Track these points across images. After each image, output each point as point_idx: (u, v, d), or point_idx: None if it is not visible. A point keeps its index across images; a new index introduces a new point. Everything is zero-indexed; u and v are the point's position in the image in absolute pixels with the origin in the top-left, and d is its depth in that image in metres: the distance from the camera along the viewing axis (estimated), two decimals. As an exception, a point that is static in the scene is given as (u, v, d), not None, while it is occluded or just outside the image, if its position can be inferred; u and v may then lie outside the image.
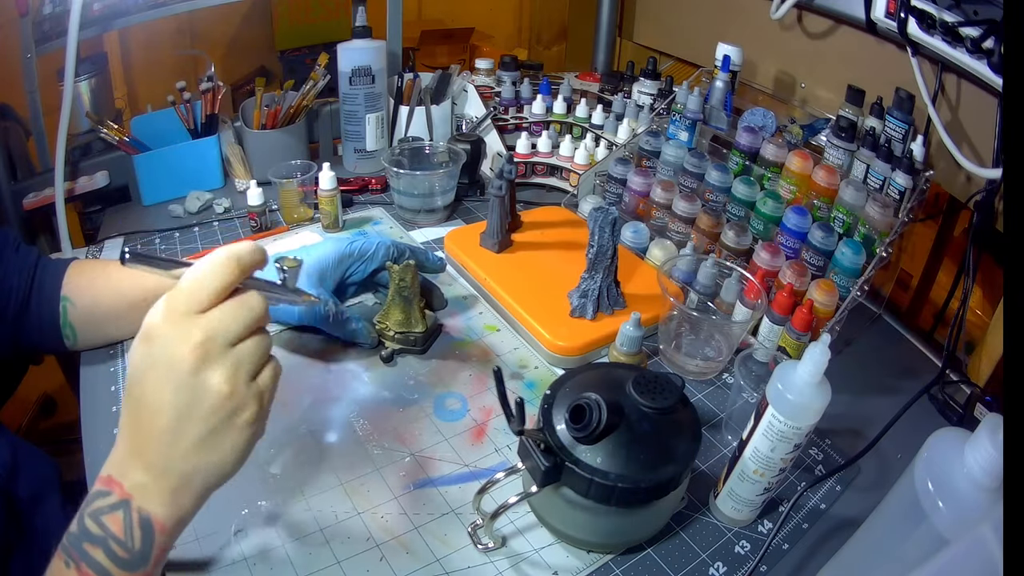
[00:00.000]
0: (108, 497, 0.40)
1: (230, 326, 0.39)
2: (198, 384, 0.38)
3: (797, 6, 0.98)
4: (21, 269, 0.65)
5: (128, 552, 0.39)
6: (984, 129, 0.77)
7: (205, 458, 0.40)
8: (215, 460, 0.40)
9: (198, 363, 0.38)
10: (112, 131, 0.96)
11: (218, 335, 0.39)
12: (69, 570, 0.39)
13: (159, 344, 0.39)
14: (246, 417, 0.40)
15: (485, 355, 0.75)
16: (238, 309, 0.40)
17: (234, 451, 0.41)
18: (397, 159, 0.99)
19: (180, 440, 0.39)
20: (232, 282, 0.39)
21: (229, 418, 0.40)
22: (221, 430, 0.40)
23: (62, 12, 0.90)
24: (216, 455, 0.40)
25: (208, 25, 1.23)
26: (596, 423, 0.48)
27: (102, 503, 0.40)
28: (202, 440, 0.39)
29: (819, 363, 0.48)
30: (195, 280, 0.39)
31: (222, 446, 0.40)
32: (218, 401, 0.39)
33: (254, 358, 0.41)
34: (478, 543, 0.54)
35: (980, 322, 0.82)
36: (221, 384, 0.39)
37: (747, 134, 0.87)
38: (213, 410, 0.39)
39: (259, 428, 0.42)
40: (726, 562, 0.54)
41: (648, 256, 0.89)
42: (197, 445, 0.39)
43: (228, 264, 0.39)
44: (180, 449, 0.39)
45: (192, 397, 0.38)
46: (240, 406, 0.40)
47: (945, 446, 0.42)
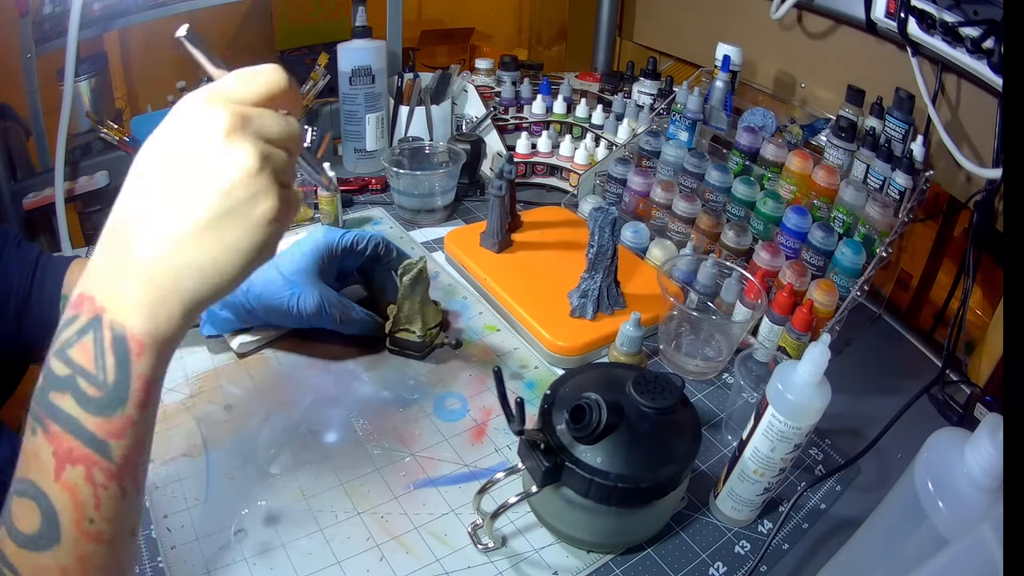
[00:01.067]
0: (76, 322, 0.33)
1: (270, 123, 0.35)
2: (226, 150, 0.33)
3: (797, 6, 0.98)
4: (22, 266, 0.64)
5: (100, 388, 0.32)
6: (984, 129, 0.77)
7: (207, 248, 0.33)
8: (219, 252, 0.33)
9: (231, 131, 0.33)
10: (112, 131, 0.96)
11: (258, 121, 0.34)
12: (35, 437, 0.32)
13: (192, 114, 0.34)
14: (266, 207, 0.34)
15: (485, 355, 0.75)
16: (280, 116, 0.36)
17: (240, 248, 0.34)
18: (397, 159, 0.99)
19: (186, 217, 0.33)
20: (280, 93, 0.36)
21: (248, 201, 0.33)
22: (237, 212, 0.33)
23: (62, 12, 0.90)
24: (219, 245, 0.33)
25: (208, 25, 1.23)
26: (596, 423, 0.48)
27: (68, 332, 0.33)
28: (215, 218, 0.33)
29: (819, 363, 0.48)
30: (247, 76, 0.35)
31: (229, 235, 0.33)
32: (242, 175, 0.33)
33: (285, 164, 0.36)
34: (478, 543, 0.54)
35: (980, 322, 0.82)
36: (250, 158, 0.33)
37: (747, 134, 0.87)
38: (234, 184, 0.33)
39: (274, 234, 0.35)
40: (726, 562, 0.54)
41: (648, 256, 0.89)
42: (204, 225, 0.33)
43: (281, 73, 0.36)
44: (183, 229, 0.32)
45: (216, 163, 0.33)
46: (262, 192, 0.34)
47: (945, 446, 0.42)
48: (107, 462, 0.32)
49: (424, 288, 0.70)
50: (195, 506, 0.55)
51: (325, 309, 0.67)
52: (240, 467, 0.59)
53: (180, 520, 0.53)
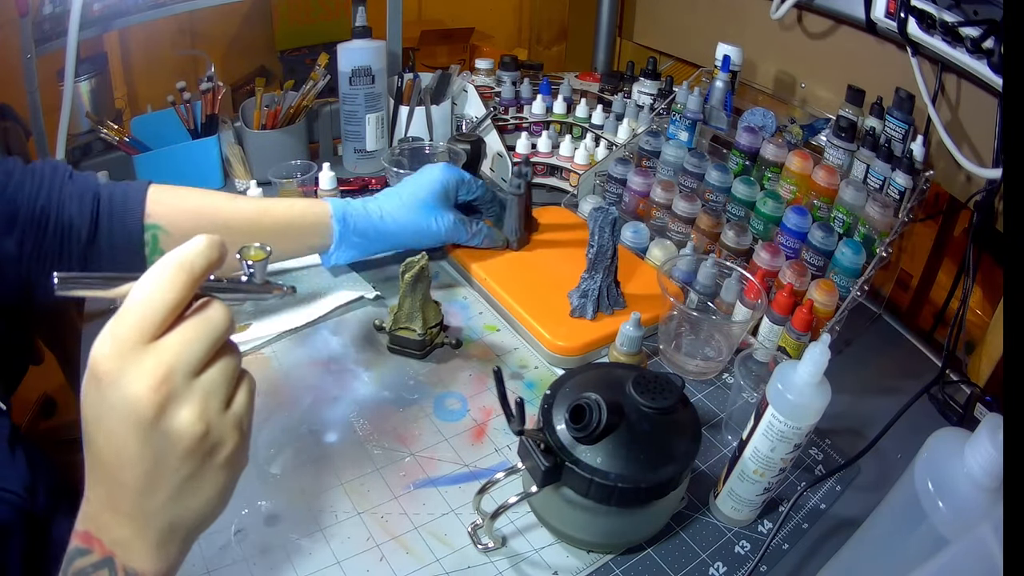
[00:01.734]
0: (89, 555, 0.35)
1: (191, 353, 0.33)
2: (165, 431, 0.33)
3: (797, 6, 0.98)
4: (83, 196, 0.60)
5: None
6: (984, 129, 0.77)
7: (186, 506, 0.35)
8: (197, 507, 0.36)
9: (161, 406, 0.32)
10: (112, 131, 0.96)
11: (179, 367, 0.33)
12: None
13: (112, 387, 0.32)
14: (226, 454, 0.35)
15: (485, 355, 0.75)
16: (199, 329, 0.33)
17: (217, 492, 0.36)
18: (397, 159, 0.99)
19: (155, 493, 0.34)
20: (184, 297, 0.33)
21: (206, 459, 0.35)
22: (200, 474, 0.35)
23: (62, 12, 0.90)
24: (197, 500, 0.36)
25: (208, 25, 1.23)
26: (596, 423, 0.48)
27: (83, 562, 0.35)
28: (180, 489, 0.34)
29: (819, 363, 0.48)
30: (140, 303, 0.32)
31: (203, 490, 0.35)
32: (192, 444, 0.33)
33: (225, 383, 0.35)
34: (478, 543, 0.54)
35: (980, 322, 0.82)
36: (192, 425, 0.33)
37: (747, 134, 0.87)
38: (187, 455, 0.34)
39: (242, 459, 0.37)
40: (726, 562, 0.54)
41: (648, 256, 0.89)
42: (175, 495, 0.35)
43: (177, 277, 0.32)
44: (156, 504, 0.34)
45: (161, 446, 0.33)
46: (217, 443, 0.35)
47: (945, 446, 0.42)
48: None
49: (425, 286, 0.70)
50: (195, 506, 0.55)
51: (458, 228, 0.80)
52: (240, 467, 0.59)
53: (180, 520, 0.53)
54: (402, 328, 0.71)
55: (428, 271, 0.69)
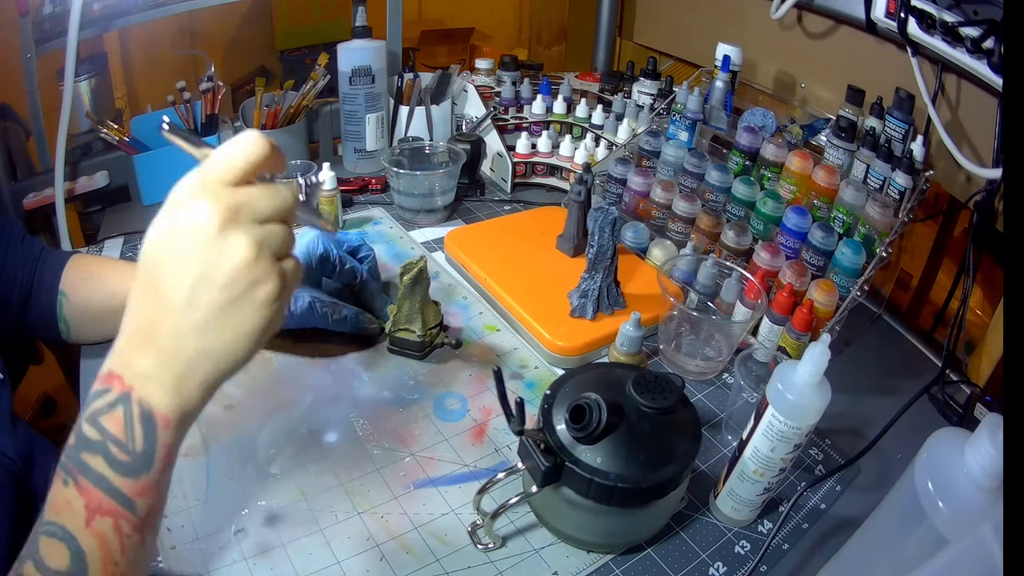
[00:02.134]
0: (107, 395, 0.37)
1: (261, 202, 0.37)
2: (221, 245, 0.35)
3: (797, 6, 0.98)
4: (26, 260, 0.65)
5: (129, 454, 0.36)
6: (984, 129, 0.77)
7: (218, 334, 0.36)
8: (228, 338, 0.37)
9: (224, 224, 0.35)
10: (112, 131, 0.96)
11: (248, 205, 0.36)
12: (67, 488, 0.36)
13: (185, 209, 0.36)
14: (267, 291, 0.37)
15: (485, 355, 0.75)
16: (271, 191, 0.37)
17: (249, 329, 0.37)
18: (397, 159, 0.99)
19: (194, 310, 0.36)
20: (265, 161, 0.37)
21: (249, 289, 0.36)
22: (239, 301, 0.36)
23: (62, 12, 0.90)
24: (230, 331, 0.37)
25: (208, 25, 1.23)
26: (596, 423, 0.48)
27: (100, 403, 0.37)
28: (218, 311, 0.36)
29: (819, 363, 0.48)
30: (231, 152, 0.36)
31: (237, 321, 0.37)
32: (240, 266, 0.36)
33: (280, 239, 0.38)
34: (478, 543, 0.54)
35: (980, 322, 0.82)
36: (246, 248, 0.36)
37: (747, 134, 0.87)
38: (234, 276, 0.36)
39: (277, 312, 0.38)
40: (726, 562, 0.54)
41: (648, 256, 0.89)
42: (211, 316, 0.36)
43: (261, 142, 0.37)
44: (193, 321, 0.36)
45: (214, 258, 0.35)
46: (262, 277, 0.37)
47: (945, 446, 0.42)
48: (133, 516, 0.37)
49: (424, 288, 0.70)
50: (195, 506, 0.55)
51: (316, 308, 0.69)
52: (240, 467, 0.59)
53: (180, 520, 0.53)
54: (402, 329, 0.71)
55: (427, 273, 0.69)
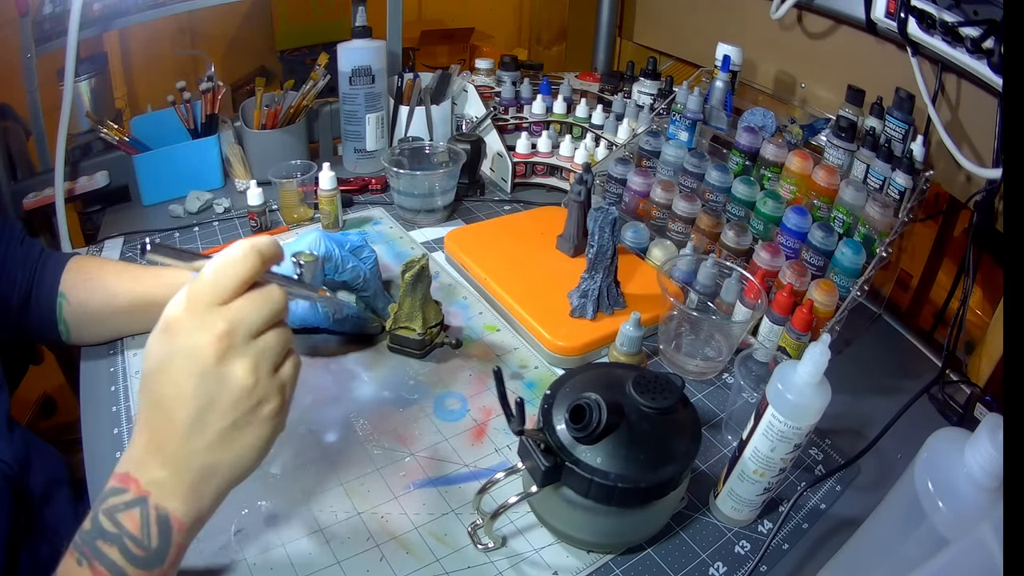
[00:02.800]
0: (124, 494, 0.39)
1: (253, 317, 0.39)
2: (222, 375, 0.38)
3: (797, 6, 0.98)
4: (25, 262, 0.65)
5: (144, 550, 0.39)
6: (984, 129, 0.77)
7: (226, 452, 0.39)
8: (236, 455, 0.39)
9: (222, 353, 0.37)
10: (112, 131, 0.96)
11: (241, 326, 0.38)
12: (82, 568, 0.38)
13: (182, 335, 0.38)
14: (269, 410, 0.40)
15: (485, 355, 0.75)
16: (260, 301, 0.39)
17: (256, 445, 0.40)
18: (397, 159, 0.99)
19: (202, 433, 0.38)
20: (255, 274, 0.39)
21: (252, 411, 0.39)
22: (244, 423, 0.39)
23: (62, 12, 0.90)
24: (237, 449, 0.39)
25: (208, 25, 1.24)
26: (596, 423, 0.48)
27: (117, 500, 0.39)
28: (224, 433, 0.39)
29: (819, 363, 0.48)
30: (218, 271, 0.38)
31: (244, 440, 0.39)
32: (242, 393, 0.38)
33: (276, 350, 0.40)
34: (478, 543, 0.54)
35: (980, 322, 0.82)
36: (245, 376, 0.38)
37: (747, 134, 0.87)
38: (236, 402, 0.38)
39: (281, 421, 0.41)
40: (726, 562, 0.54)
41: (648, 256, 0.89)
42: (219, 438, 0.39)
43: (251, 255, 0.39)
44: (201, 443, 0.38)
45: (215, 388, 0.38)
46: (263, 399, 0.39)
47: (945, 446, 0.42)
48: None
49: (425, 286, 0.70)
50: (195, 506, 0.55)
51: (318, 307, 0.69)
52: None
53: (180, 520, 0.53)
54: (402, 327, 0.71)
55: (428, 271, 0.69)
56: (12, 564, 0.52)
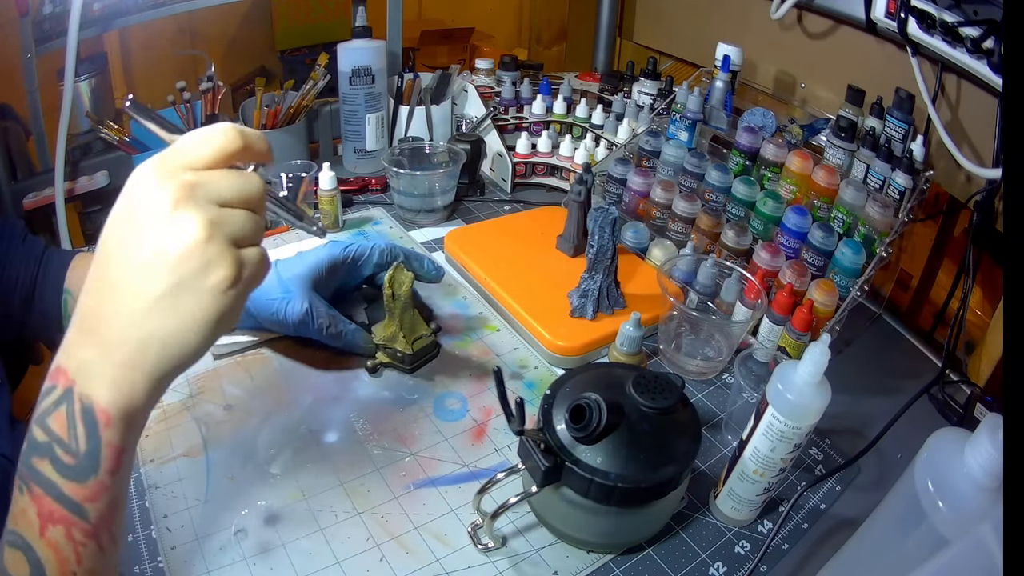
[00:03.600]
0: (53, 392, 0.35)
1: (222, 183, 0.35)
2: (172, 223, 0.33)
3: (797, 6, 0.98)
4: (28, 260, 0.64)
5: (73, 456, 0.34)
6: (984, 129, 0.77)
7: (164, 320, 0.34)
8: (175, 325, 0.34)
9: (178, 202, 0.33)
10: (112, 131, 0.96)
11: (206, 184, 0.34)
12: (23, 496, 0.34)
13: (142, 191, 0.34)
14: (218, 277, 0.34)
15: (485, 355, 0.75)
16: (236, 176, 0.35)
17: (199, 317, 0.34)
18: (397, 159, 0.99)
19: (139, 294, 0.34)
20: (235, 152, 0.35)
21: (199, 272, 0.34)
22: (187, 285, 0.34)
23: (62, 12, 0.90)
24: (177, 318, 0.34)
25: (208, 25, 1.23)
26: (596, 423, 0.48)
27: (47, 402, 0.35)
28: (164, 294, 0.33)
29: (819, 363, 0.48)
30: (194, 139, 0.35)
31: (186, 307, 0.34)
32: (190, 246, 0.33)
33: (241, 225, 0.35)
34: (478, 543, 0.54)
35: (980, 322, 0.82)
36: (197, 227, 0.33)
37: (747, 134, 0.87)
38: (182, 257, 0.33)
39: (232, 303, 0.36)
40: (726, 562, 0.54)
41: (648, 256, 0.89)
42: (157, 299, 0.33)
43: (231, 132, 0.35)
44: (138, 305, 0.34)
45: (162, 238, 0.33)
46: (213, 261, 0.34)
47: (945, 446, 0.42)
48: (84, 523, 0.35)
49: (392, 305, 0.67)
50: (195, 506, 0.55)
51: (312, 319, 0.66)
52: (240, 467, 0.59)
53: (180, 520, 0.53)
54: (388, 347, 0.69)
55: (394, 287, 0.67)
56: None
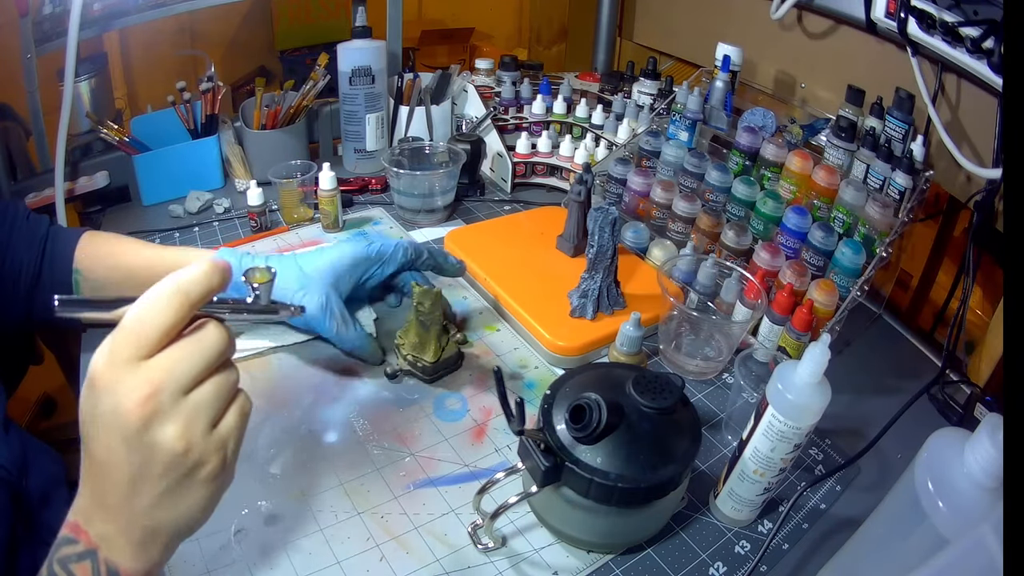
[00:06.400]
0: (75, 545, 0.37)
1: (181, 372, 0.35)
2: (149, 443, 0.34)
3: (797, 6, 0.98)
4: (32, 241, 0.63)
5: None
6: (984, 129, 0.77)
7: (167, 513, 0.37)
8: (179, 516, 0.37)
9: (147, 419, 0.34)
10: (112, 131, 0.96)
11: (167, 385, 0.34)
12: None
13: (104, 396, 0.34)
14: (207, 472, 0.37)
15: (485, 355, 0.75)
16: (191, 348, 0.35)
17: (198, 506, 0.38)
18: (397, 159, 0.99)
19: (138, 498, 0.36)
20: (179, 320, 0.35)
21: (188, 475, 0.36)
22: (180, 488, 0.36)
23: (62, 12, 0.90)
24: (178, 511, 0.37)
25: (208, 25, 1.24)
26: (596, 423, 0.48)
27: (69, 551, 0.37)
28: (161, 498, 0.36)
29: (819, 363, 0.48)
30: (136, 320, 0.34)
31: (184, 503, 0.37)
32: (173, 460, 0.35)
33: (213, 404, 0.36)
34: (478, 543, 0.54)
35: (980, 322, 0.82)
36: (174, 441, 0.35)
37: (747, 134, 0.87)
38: (168, 469, 0.35)
39: (225, 479, 0.39)
40: (726, 562, 0.54)
41: (648, 256, 0.89)
42: (156, 503, 0.36)
43: (173, 299, 0.34)
44: (140, 505, 0.36)
45: (144, 457, 0.35)
46: (199, 462, 0.36)
47: (945, 446, 0.42)
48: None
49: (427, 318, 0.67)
50: (195, 506, 0.55)
51: (327, 315, 0.66)
52: (240, 467, 0.58)
53: (180, 520, 0.53)
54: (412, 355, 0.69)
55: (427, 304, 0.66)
56: (11, 567, 0.52)
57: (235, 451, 0.39)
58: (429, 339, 0.68)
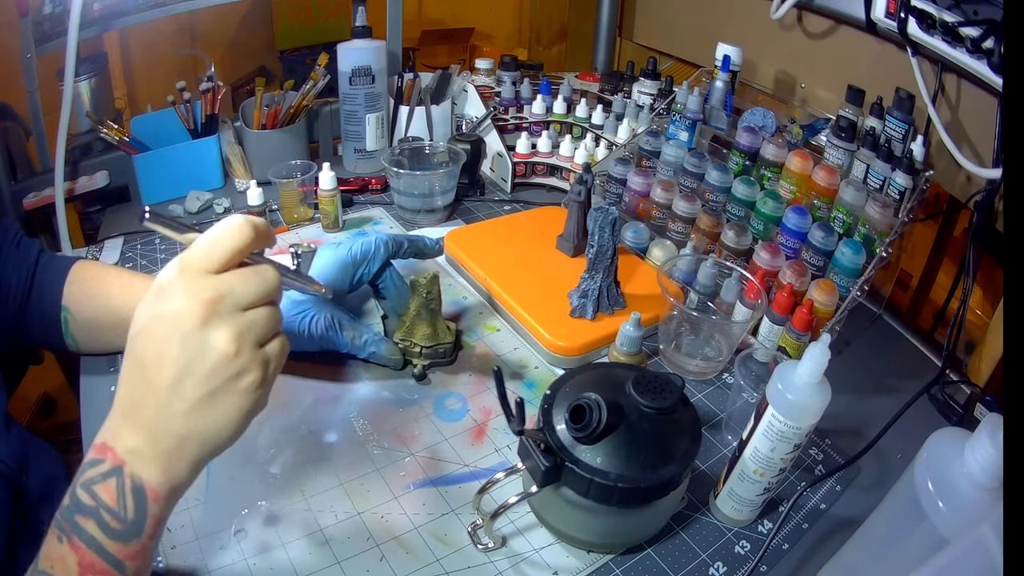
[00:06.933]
0: (100, 465, 0.39)
1: (242, 289, 0.39)
2: (203, 339, 0.38)
3: (797, 6, 0.98)
4: (21, 266, 0.63)
5: (121, 522, 0.38)
6: (984, 129, 0.77)
7: (203, 420, 0.39)
8: (212, 424, 0.39)
9: (206, 318, 0.38)
10: (112, 131, 0.96)
11: (229, 295, 0.38)
12: (62, 544, 0.38)
13: (168, 299, 0.38)
14: (249, 381, 0.39)
15: (485, 355, 0.75)
16: (252, 275, 0.40)
17: (233, 416, 0.40)
18: (397, 159, 0.99)
19: (179, 398, 0.38)
20: (248, 246, 0.39)
21: (231, 380, 0.39)
22: (222, 391, 0.39)
23: (62, 12, 0.90)
24: (214, 418, 0.39)
25: (208, 25, 1.24)
26: (596, 423, 0.48)
27: (94, 472, 0.39)
28: (201, 400, 0.38)
29: (819, 363, 0.48)
30: (211, 240, 0.39)
31: (221, 409, 0.39)
32: (222, 360, 0.38)
33: (263, 326, 0.40)
34: (478, 543, 0.54)
35: (980, 322, 0.82)
36: (227, 343, 0.38)
37: (747, 134, 0.87)
38: (215, 369, 0.38)
39: (261, 397, 0.41)
40: (726, 562, 0.54)
41: (648, 256, 0.89)
42: (196, 405, 0.38)
43: (245, 228, 0.39)
44: (178, 408, 0.38)
45: (196, 352, 0.38)
46: (244, 369, 0.39)
47: (945, 446, 0.42)
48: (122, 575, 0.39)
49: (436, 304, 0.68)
50: (195, 506, 0.55)
51: (338, 331, 0.66)
52: (240, 467, 0.59)
53: (180, 520, 0.53)
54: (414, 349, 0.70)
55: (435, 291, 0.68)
56: (11, 563, 0.52)
57: (274, 373, 0.42)
58: (438, 322, 0.69)
